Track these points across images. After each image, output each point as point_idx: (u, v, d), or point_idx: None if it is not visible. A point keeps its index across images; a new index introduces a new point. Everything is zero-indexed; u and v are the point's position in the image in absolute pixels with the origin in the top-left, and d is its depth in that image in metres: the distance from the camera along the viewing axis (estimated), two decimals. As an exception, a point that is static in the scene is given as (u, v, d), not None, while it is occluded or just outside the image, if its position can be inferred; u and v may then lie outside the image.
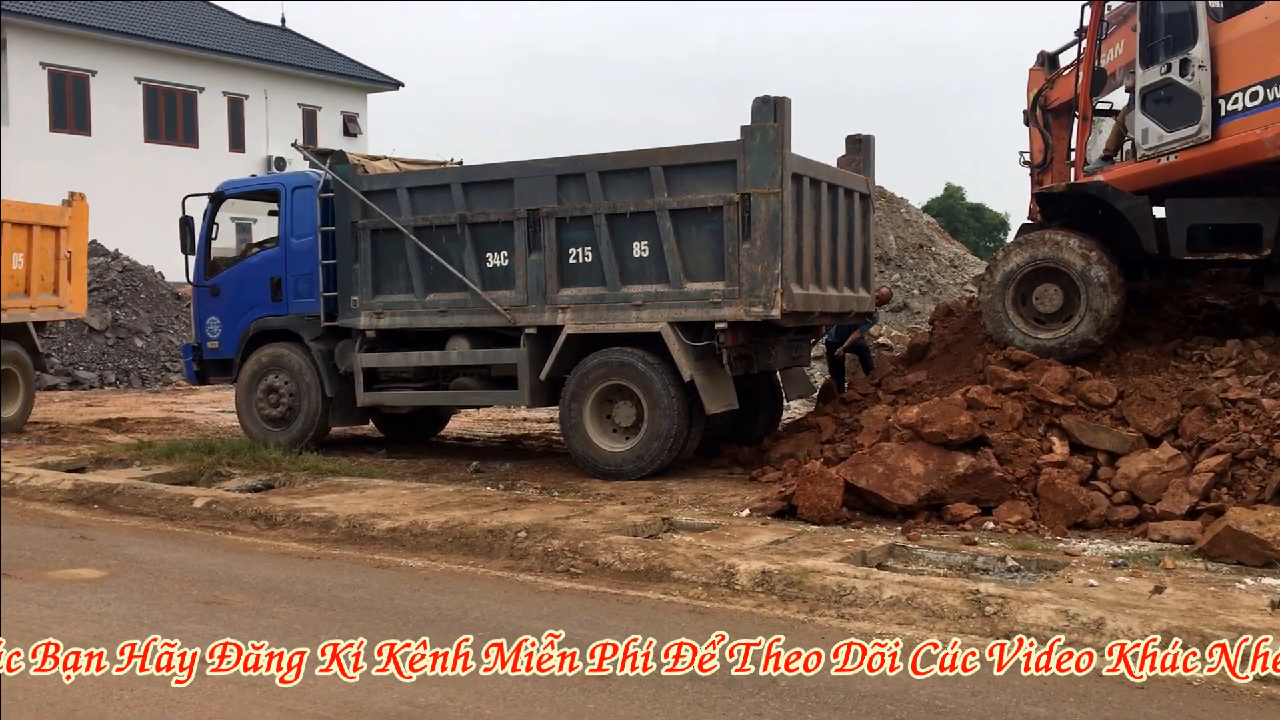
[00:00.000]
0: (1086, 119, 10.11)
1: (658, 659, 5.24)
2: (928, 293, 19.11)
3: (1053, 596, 5.83)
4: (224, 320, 12.40)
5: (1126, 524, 7.62)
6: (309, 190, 11.72)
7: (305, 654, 5.35)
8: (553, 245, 10.18)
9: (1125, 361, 9.24)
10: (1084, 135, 10.20)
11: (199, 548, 8.09)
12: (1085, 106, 10.09)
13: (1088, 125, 10.14)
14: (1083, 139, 10.23)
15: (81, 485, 10.14)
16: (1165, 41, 9.01)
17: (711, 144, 9.60)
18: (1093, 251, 9.24)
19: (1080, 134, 10.25)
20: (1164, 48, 9.03)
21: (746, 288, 9.33)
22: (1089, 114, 10.09)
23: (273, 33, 35.60)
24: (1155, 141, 9.16)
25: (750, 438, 11.00)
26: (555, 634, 5.60)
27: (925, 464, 8.01)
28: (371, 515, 8.39)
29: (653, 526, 7.89)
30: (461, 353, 10.82)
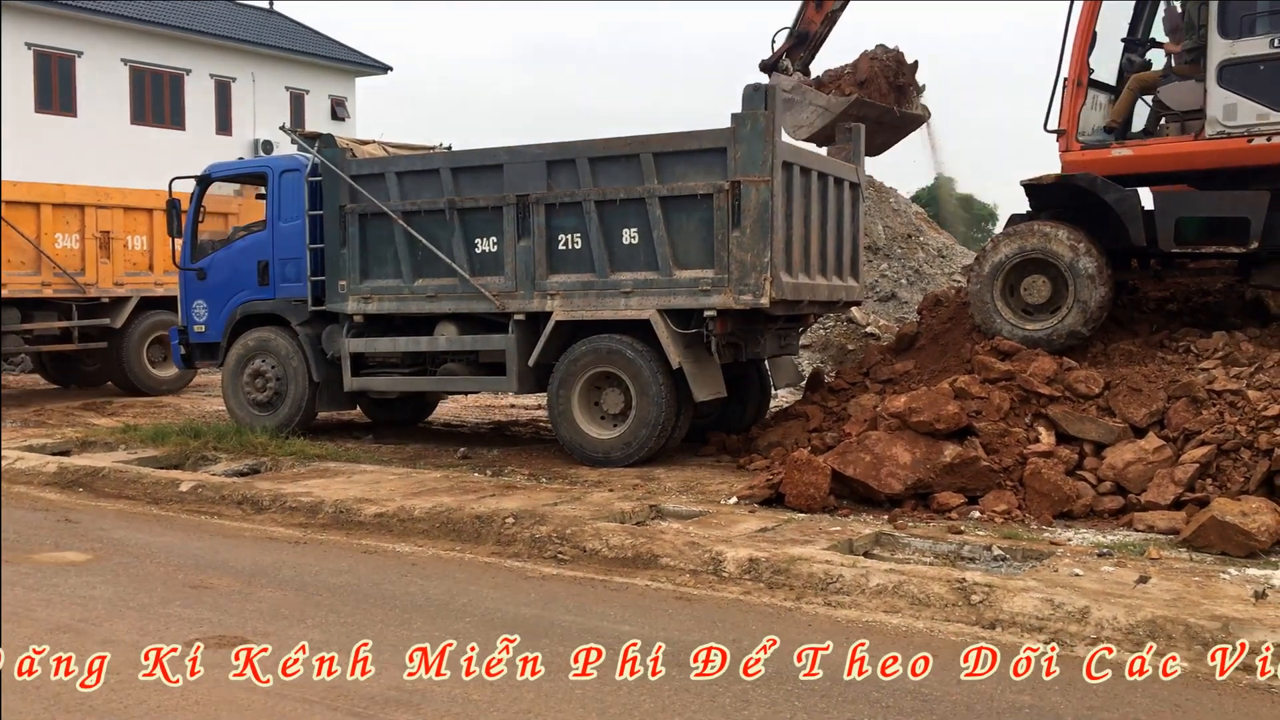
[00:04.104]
0: (1081, 85, 9.51)
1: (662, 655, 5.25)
2: (915, 282, 19.13)
3: (1038, 585, 5.86)
4: (210, 304, 12.36)
5: (1112, 514, 7.66)
6: (297, 174, 11.66)
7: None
8: (542, 231, 10.16)
9: (1112, 352, 9.27)
10: (1078, 103, 9.60)
11: (185, 532, 8.06)
12: (1080, 70, 9.43)
13: (1082, 91, 9.54)
14: (1076, 107, 9.61)
15: (66, 468, 10.10)
16: (1273, 12, 8.35)
17: (702, 131, 9.58)
18: (1081, 243, 9.26)
19: (1074, 101, 9.60)
20: (1270, 19, 8.41)
21: (736, 276, 9.33)
22: (1084, 79, 9.49)
23: (260, 15, 35.35)
24: (1250, 120, 8.54)
25: (738, 426, 11.01)
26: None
27: (912, 453, 8.03)
28: (359, 500, 8.38)
29: (640, 513, 7.90)
30: (450, 338, 10.79)
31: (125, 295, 16.08)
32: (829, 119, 11.59)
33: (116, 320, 16.01)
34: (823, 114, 11.69)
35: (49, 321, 15.60)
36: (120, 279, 16.04)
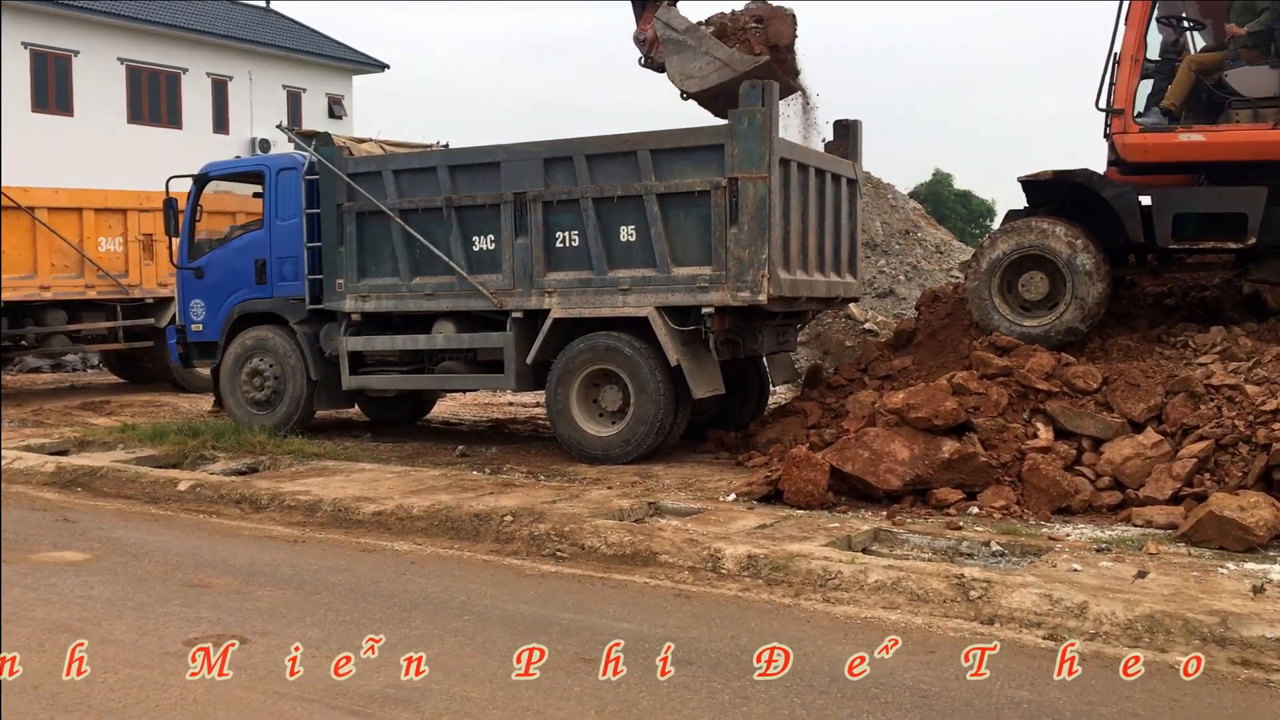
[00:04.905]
0: (1137, 62, 8.94)
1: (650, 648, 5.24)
2: (913, 278, 19.12)
3: (1037, 581, 5.86)
4: (208, 302, 12.35)
5: (1110, 509, 7.66)
6: (294, 172, 11.64)
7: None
8: (539, 229, 10.15)
9: (1110, 348, 9.27)
10: (1134, 80, 9.01)
11: (183, 531, 8.06)
12: (1138, 46, 8.87)
13: (1138, 68, 8.97)
14: (1133, 85, 9.01)
15: (64, 468, 10.09)
16: None
17: (699, 128, 9.57)
18: (1079, 239, 9.25)
19: (1130, 79, 8.99)
20: None
21: (734, 272, 9.32)
22: (1141, 56, 8.93)
23: (257, 13, 35.31)
24: None
25: (736, 423, 11.01)
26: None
27: (911, 449, 8.03)
28: (357, 499, 8.37)
29: (639, 511, 7.90)
30: (447, 336, 10.79)
31: (169, 296, 16.21)
32: (729, 76, 10.02)
33: (161, 320, 16.40)
34: (722, 70, 10.11)
35: (96, 322, 16.38)
36: (164, 279, 16.27)
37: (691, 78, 10.30)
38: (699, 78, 10.26)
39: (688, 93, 10.41)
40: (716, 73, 10.15)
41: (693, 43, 10.29)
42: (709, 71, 10.20)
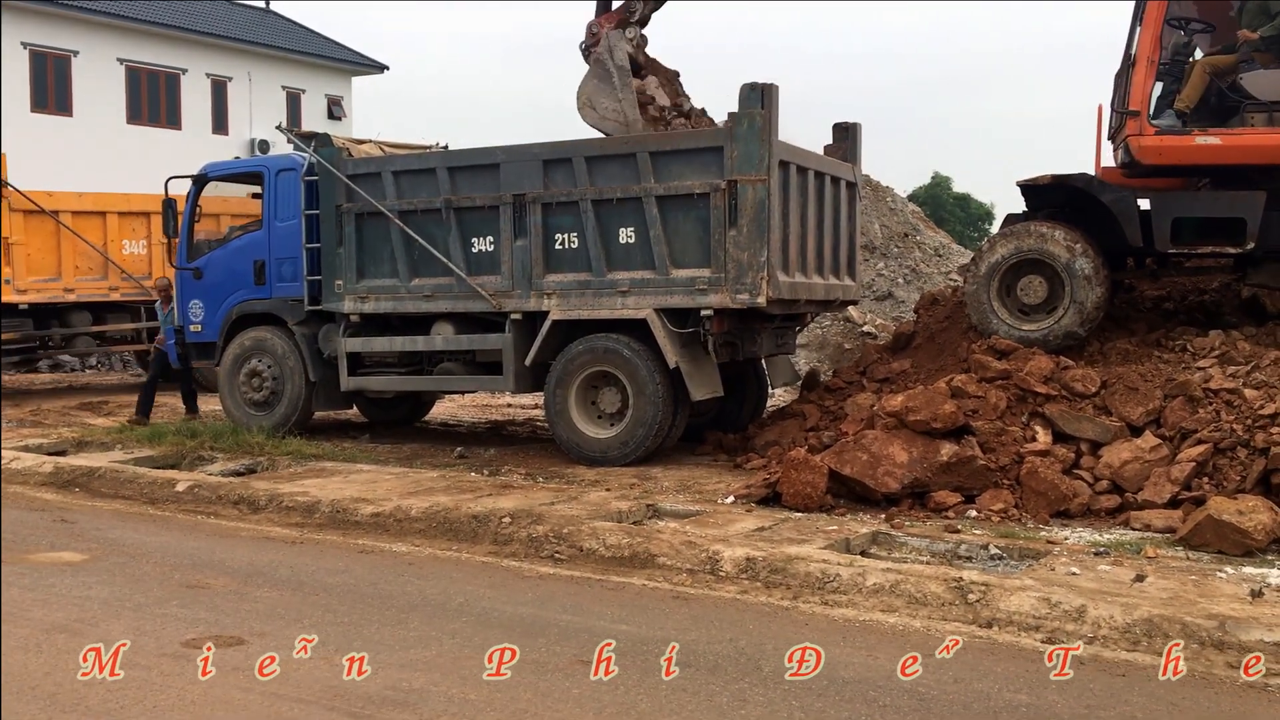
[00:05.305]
0: (1152, 64, 8.81)
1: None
2: (912, 281, 19.13)
3: (1035, 584, 5.86)
4: (207, 303, 12.34)
5: (1108, 513, 7.66)
6: (293, 173, 11.64)
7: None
8: (539, 230, 10.15)
9: (1109, 351, 9.28)
10: (1150, 83, 8.87)
11: (181, 532, 8.05)
12: (1154, 47, 8.72)
13: (1154, 70, 8.83)
14: (1149, 87, 8.88)
15: (62, 468, 10.08)
16: None
17: (698, 130, 9.59)
18: (1077, 244, 9.25)
19: (1146, 81, 8.85)
20: None
21: (733, 275, 9.32)
22: (1156, 58, 8.80)
23: (256, 14, 35.30)
24: None
25: (735, 425, 11.01)
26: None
27: (909, 452, 8.03)
28: (355, 500, 8.37)
29: (637, 513, 7.90)
30: (446, 338, 10.79)
31: None
32: (617, 131, 10.41)
33: None
34: (618, 126, 10.46)
35: (121, 324, 16.87)
36: None
37: (593, 110, 10.65)
38: (599, 114, 10.61)
39: (580, 114, 10.70)
40: (613, 123, 10.51)
41: (616, 84, 10.56)
42: (610, 117, 10.55)
